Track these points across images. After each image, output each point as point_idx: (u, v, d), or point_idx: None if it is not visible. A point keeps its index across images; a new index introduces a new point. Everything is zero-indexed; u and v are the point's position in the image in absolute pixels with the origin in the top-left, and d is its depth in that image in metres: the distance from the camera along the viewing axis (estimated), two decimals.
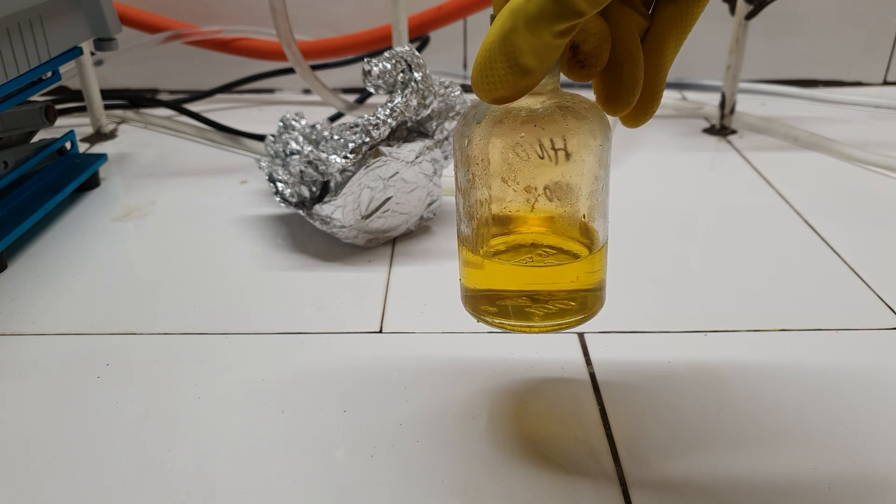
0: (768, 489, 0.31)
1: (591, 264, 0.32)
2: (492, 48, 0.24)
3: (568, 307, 0.32)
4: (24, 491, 0.32)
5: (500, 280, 0.32)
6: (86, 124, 0.76)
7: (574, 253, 0.32)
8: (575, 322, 0.32)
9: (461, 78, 0.84)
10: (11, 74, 0.49)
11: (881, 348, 0.41)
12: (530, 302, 0.32)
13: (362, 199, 0.48)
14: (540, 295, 0.32)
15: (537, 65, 0.23)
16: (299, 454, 0.34)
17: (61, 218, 0.57)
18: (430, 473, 0.32)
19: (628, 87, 0.27)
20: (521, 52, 0.23)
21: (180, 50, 0.83)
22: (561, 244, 0.32)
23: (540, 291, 0.31)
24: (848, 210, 0.57)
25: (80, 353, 0.41)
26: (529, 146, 0.29)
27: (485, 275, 0.32)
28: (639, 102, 0.28)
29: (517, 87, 0.24)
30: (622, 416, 0.35)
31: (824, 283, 0.47)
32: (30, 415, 0.36)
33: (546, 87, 0.29)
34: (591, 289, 0.33)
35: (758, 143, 0.72)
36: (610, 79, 0.27)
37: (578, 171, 0.30)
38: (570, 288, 0.32)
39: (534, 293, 0.31)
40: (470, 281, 0.33)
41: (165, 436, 0.35)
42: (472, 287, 0.33)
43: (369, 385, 0.38)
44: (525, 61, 0.23)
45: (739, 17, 0.69)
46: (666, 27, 0.27)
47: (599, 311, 0.33)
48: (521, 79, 0.24)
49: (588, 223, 0.31)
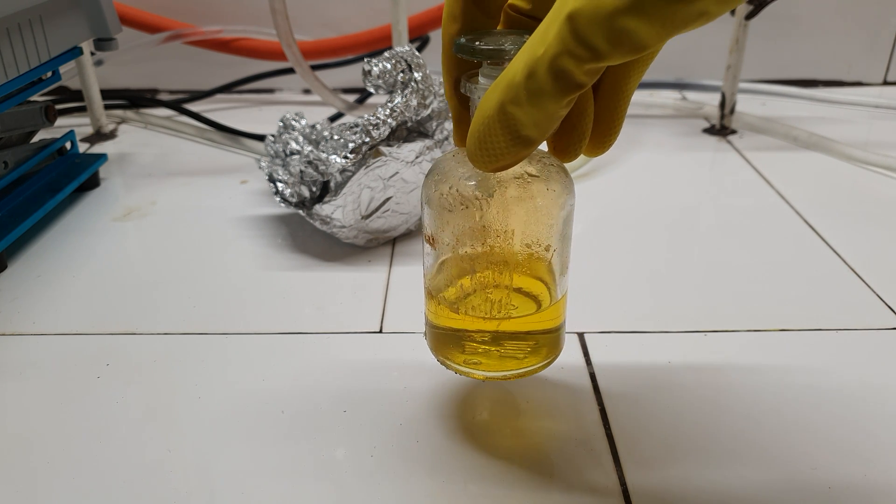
0: (768, 489, 0.31)
1: (551, 312, 0.33)
2: (490, 122, 0.23)
3: (524, 353, 0.33)
4: (24, 491, 0.32)
5: (462, 322, 0.32)
6: (86, 124, 0.76)
7: (537, 298, 0.32)
8: (529, 370, 0.33)
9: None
10: (11, 74, 0.49)
11: (881, 348, 0.41)
12: (489, 345, 0.32)
13: (362, 199, 0.48)
14: (500, 337, 0.32)
15: (539, 135, 0.23)
16: (299, 454, 0.34)
17: (61, 218, 0.57)
18: (430, 473, 0.32)
19: (576, 141, 0.27)
20: (523, 125, 0.23)
21: (180, 50, 0.83)
22: (526, 287, 0.32)
23: (501, 333, 0.32)
24: (848, 210, 0.57)
25: (81, 352, 0.41)
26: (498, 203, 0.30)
27: (447, 314, 0.32)
28: (598, 138, 0.27)
29: (519, 157, 0.24)
30: (622, 417, 0.35)
31: (824, 283, 0.47)
32: (30, 415, 0.36)
33: None
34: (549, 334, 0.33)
35: (758, 143, 0.72)
36: (560, 133, 0.27)
37: (542, 226, 0.31)
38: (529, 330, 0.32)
39: (495, 333, 0.32)
40: (432, 317, 0.33)
41: (165, 436, 0.35)
42: (434, 323, 0.33)
43: (369, 385, 0.38)
44: (527, 133, 0.23)
45: (739, 17, 0.69)
46: (625, 66, 0.26)
47: (556, 356, 0.34)
48: (524, 150, 0.24)
49: (549, 273, 0.32)
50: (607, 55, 0.20)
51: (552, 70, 0.21)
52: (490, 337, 0.32)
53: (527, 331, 0.32)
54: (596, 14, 0.20)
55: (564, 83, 0.21)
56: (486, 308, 0.32)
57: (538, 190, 0.30)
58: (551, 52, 0.21)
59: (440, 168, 0.31)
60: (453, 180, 0.30)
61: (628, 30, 0.19)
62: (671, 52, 0.88)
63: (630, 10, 0.19)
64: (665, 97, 0.83)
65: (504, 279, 0.32)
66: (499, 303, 0.32)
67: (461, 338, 0.32)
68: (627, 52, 0.20)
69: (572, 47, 0.20)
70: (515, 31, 0.27)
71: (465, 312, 0.32)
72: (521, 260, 0.31)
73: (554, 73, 0.21)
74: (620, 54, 0.20)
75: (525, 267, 0.32)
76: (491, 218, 0.30)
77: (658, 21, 0.19)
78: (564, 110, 0.23)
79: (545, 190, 0.30)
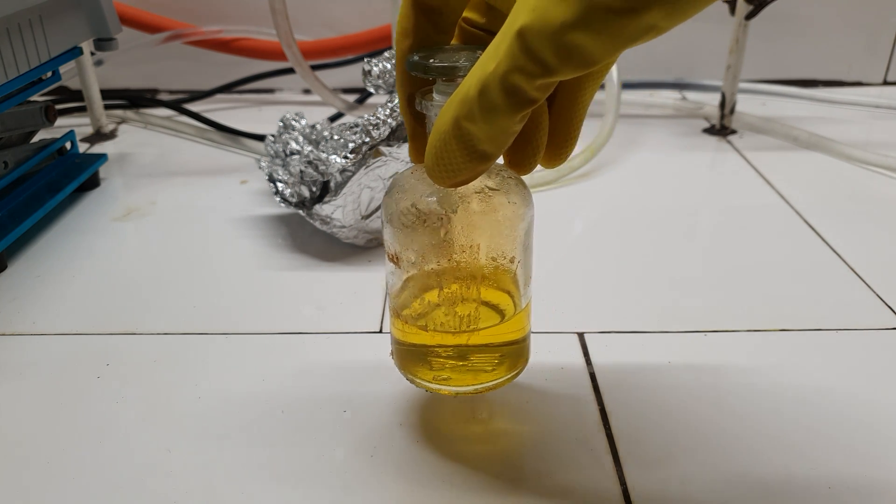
0: (767, 489, 0.31)
1: (517, 322, 0.33)
2: (446, 138, 0.23)
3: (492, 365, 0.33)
4: (24, 491, 0.32)
5: (430, 338, 0.32)
6: (86, 124, 0.76)
7: (503, 310, 0.33)
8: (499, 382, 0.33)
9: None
10: (11, 74, 0.49)
11: (881, 348, 0.41)
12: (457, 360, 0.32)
13: (362, 199, 0.48)
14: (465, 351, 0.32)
15: (496, 150, 0.23)
16: (299, 454, 0.34)
17: (61, 218, 0.57)
18: (430, 473, 0.32)
19: (531, 155, 0.27)
20: (479, 140, 0.23)
21: (180, 50, 0.83)
22: (491, 299, 0.32)
23: (470, 346, 0.32)
24: (848, 210, 0.57)
25: (80, 353, 0.41)
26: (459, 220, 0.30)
27: (414, 332, 0.32)
28: (554, 150, 0.27)
29: (477, 172, 0.24)
30: (622, 416, 0.35)
31: (824, 283, 0.47)
32: (29, 415, 0.36)
33: None
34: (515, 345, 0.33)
35: (758, 143, 0.72)
36: (514, 147, 0.26)
37: (506, 239, 0.31)
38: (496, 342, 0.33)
39: (464, 347, 0.32)
40: (399, 335, 0.33)
41: (165, 436, 0.35)
42: (401, 340, 0.33)
43: (369, 385, 0.38)
44: (483, 148, 0.23)
45: (739, 17, 0.69)
46: (580, 78, 0.26)
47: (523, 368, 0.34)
48: (481, 165, 0.23)
49: (514, 284, 0.32)
50: (558, 70, 0.20)
51: (504, 86, 0.21)
52: (459, 352, 0.32)
53: (495, 343, 0.32)
54: (544, 29, 0.19)
55: (517, 99, 0.21)
56: (455, 323, 0.32)
57: (500, 203, 0.30)
58: (502, 69, 0.21)
59: (400, 185, 0.31)
60: (414, 197, 0.30)
61: (577, 45, 0.19)
62: (671, 53, 0.88)
63: (578, 25, 0.19)
64: (665, 97, 0.83)
65: (472, 293, 0.32)
66: (467, 317, 0.32)
67: (429, 354, 0.32)
68: (578, 67, 0.20)
69: (523, 63, 0.20)
70: (469, 47, 0.27)
71: (433, 329, 0.32)
72: (487, 273, 0.31)
73: (506, 89, 0.21)
74: (571, 69, 0.20)
75: (491, 280, 0.32)
76: (455, 233, 0.30)
77: (606, 36, 0.19)
78: (519, 125, 0.22)
79: (506, 203, 0.30)
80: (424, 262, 0.31)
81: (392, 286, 0.32)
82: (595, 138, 0.65)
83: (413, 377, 0.33)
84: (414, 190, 0.30)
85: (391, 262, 0.32)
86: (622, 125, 0.73)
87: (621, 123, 0.72)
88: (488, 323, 0.32)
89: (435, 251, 0.31)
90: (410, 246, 0.31)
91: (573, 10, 0.19)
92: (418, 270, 0.31)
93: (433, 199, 0.30)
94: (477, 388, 0.33)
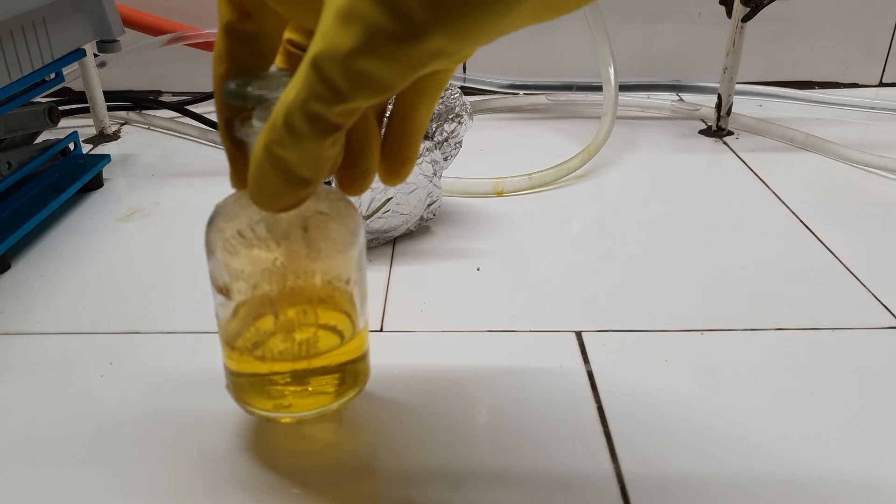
0: (766, 488, 0.32)
1: (356, 342, 0.33)
2: (262, 164, 0.23)
3: (333, 386, 0.32)
4: (27, 490, 0.32)
5: (269, 366, 0.32)
6: (89, 125, 0.76)
7: (341, 331, 0.32)
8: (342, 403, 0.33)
9: (460, 80, 0.84)
10: (15, 76, 0.49)
11: (877, 348, 0.41)
12: (297, 385, 0.32)
13: (363, 200, 0.49)
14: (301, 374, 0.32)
15: (314, 174, 0.23)
16: (299, 453, 0.34)
17: (65, 218, 0.58)
18: (431, 472, 0.33)
19: (360, 177, 0.26)
20: (295, 165, 0.22)
21: (183, 52, 0.84)
22: (329, 322, 0.32)
23: (311, 370, 0.32)
24: (844, 211, 0.58)
25: (84, 352, 0.42)
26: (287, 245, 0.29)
27: (250, 361, 0.32)
28: (391, 168, 0.27)
29: (300, 197, 0.23)
30: (620, 415, 0.36)
31: (820, 283, 0.48)
32: (33, 414, 0.37)
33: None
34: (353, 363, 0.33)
35: (754, 145, 0.72)
36: (342, 169, 0.26)
37: (340, 261, 0.30)
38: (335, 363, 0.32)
39: (304, 371, 0.32)
40: (234, 365, 0.32)
41: (169, 434, 0.35)
42: (237, 371, 0.32)
43: (370, 384, 0.38)
44: (301, 173, 0.22)
45: (736, 19, 0.70)
46: (415, 97, 0.25)
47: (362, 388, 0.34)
48: (303, 189, 0.23)
49: (351, 304, 0.32)
50: (352, 96, 0.20)
51: (304, 113, 0.21)
52: (298, 377, 0.31)
53: (336, 364, 0.32)
54: (334, 57, 0.19)
55: (319, 125, 0.21)
56: (294, 350, 0.31)
57: (332, 227, 0.30)
58: (301, 96, 0.21)
59: (224, 213, 0.30)
60: (241, 225, 0.29)
61: (366, 71, 0.19)
62: (668, 55, 0.88)
63: (364, 51, 0.19)
64: (662, 99, 0.84)
65: (309, 318, 0.31)
66: (306, 342, 0.31)
67: (267, 383, 0.32)
68: (373, 93, 0.20)
69: (319, 90, 0.20)
70: (288, 72, 0.26)
71: (271, 357, 0.31)
72: (323, 296, 0.31)
73: (307, 116, 0.21)
74: (366, 95, 0.20)
75: (328, 303, 0.31)
76: (288, 259, 0.29)
77: (394, 62, 0.19)
78: (332, 149, 0.22)
79: (338, 226, 0.30)
80: (257, 290, 0.30)
81: (222, 318, 0.31)
82: (592, 140, 0.66)
83: (252, 408, 0.32)
84: (240, 217, 0.29)
85: (220, 295, 0.30)
86: (619, 127, 0.73)
87: (618, 125, 0.72)
88: (328, 346, 0.31)
89: (267, 278, 0.30)
90: (240, 276, 0.30)
91: (358, 37, 0.19)
92: (252, 299, 0.30)
93: (263, 226, 0.29)
94: (320, 411, 0.32)
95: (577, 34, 0.85)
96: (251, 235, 0.29)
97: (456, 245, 0.39)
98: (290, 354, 0.31)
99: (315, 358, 0.31)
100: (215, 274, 0.30)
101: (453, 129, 0.53)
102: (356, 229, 0.30)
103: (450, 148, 0.53)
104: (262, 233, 0.29)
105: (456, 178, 0.59)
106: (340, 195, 0.30)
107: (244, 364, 0.32)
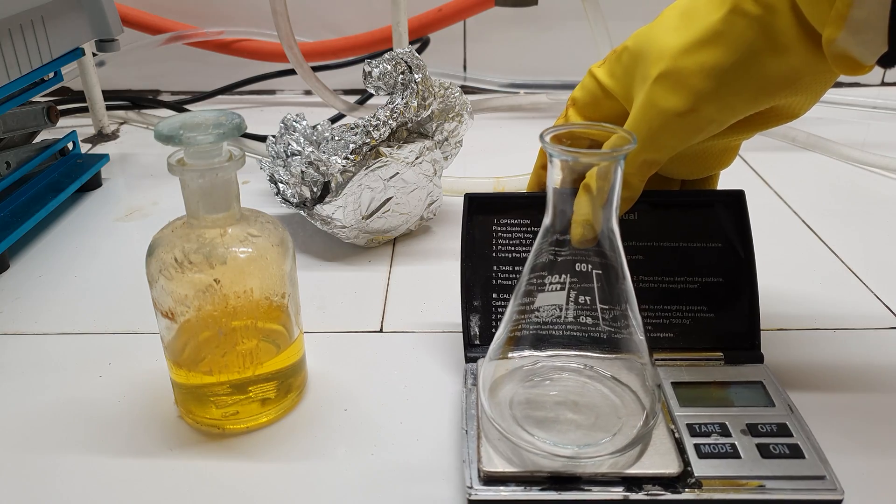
0: None
1: (293, 349, 0.36)
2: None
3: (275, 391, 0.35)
4: (27, 490, 0.32)
5: (216, 377, 0.34)
6: (88, 125, 0.76)
7: (278, 342, 0.35)
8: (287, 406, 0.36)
9: (461, 79, 0.84)
10: (13, 75, 0.49)
11: (879, 347, 0.41)
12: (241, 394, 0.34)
13: (363, 200, 0.48)
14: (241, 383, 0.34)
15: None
16: (299, 453, 0.34)
17: (63, 218, 0.58)
18: (430, 471, 0.33)
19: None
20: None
21: (182, 51, 0.84)
22: (268, 334, 0.35)
23: (254, 378, 0.34)
24: (845, 210, 0.58)
25: (83, 352, 0.41)
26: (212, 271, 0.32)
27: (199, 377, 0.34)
28: None
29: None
30: None
31: (822, 283, 0.47)
32: (32, 414, 0.37)
33: (233, 216, 0.32)
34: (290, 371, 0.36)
35: (756, 144, 0.72)
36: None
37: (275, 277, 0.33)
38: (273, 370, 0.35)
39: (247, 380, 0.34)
40: (182, 380, 0.35)
41: (168, 435, 0.35)
42: (184, 384, 0.35)
43: (369, 384, 0.38)
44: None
45: None
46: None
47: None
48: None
49: (287, 316, 0.35)
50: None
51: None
52: (241, 385, 0.34)
53: (274, 370, 0.35)
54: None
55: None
56: (239, 362, 0.33)
57: (264, 247, 0.33)
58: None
59: (165, 243, 0.32)
60: (180, 253, 0.32)
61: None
62: None
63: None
64: None
65: (250, 332, 0.34)
66: (249, 354, 0.33)
67: (212, 394, 0.34)
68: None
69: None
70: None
71: (218, 371, 0.33)
72: (262, 311, 0.34)
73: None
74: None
75: (266, 316, 0.34)
76: (227, 281, 0.32)
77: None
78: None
79: (270, 246, 0.33)
80: (199, 311, 0.32)
81: (167, 339, 0.34)
82: None
83: (201, 419, 0.35)
84: (179, 245, 0.32)
85: (165, 319, 0.33)
86: None
87: None
88: (269, 356, 0.34)
89: (209, 299, 0.32)
90: (183, 300, 0.32)
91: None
92: (196, 320, 0.33)
93: (201, 253, 0.31)
94: (269, 418, 0.35)
95: (577, 33, 0.85)
96: (189, 262, 0.32)
97: (456, 245, 0.39)
98: (236, 368, 0.33)
99: (257, 367, 0.34)
100: (159, 301, 0.33)
101: (454, 128, 0.52)
102: (286, 246, 0.34)
103: (450, 147, 0.53)
104: (199, 259, 0.32)
105: (456, 177, 0.59)
106: (268, 217, 0.34)
107: (190, 377, 0.34)
